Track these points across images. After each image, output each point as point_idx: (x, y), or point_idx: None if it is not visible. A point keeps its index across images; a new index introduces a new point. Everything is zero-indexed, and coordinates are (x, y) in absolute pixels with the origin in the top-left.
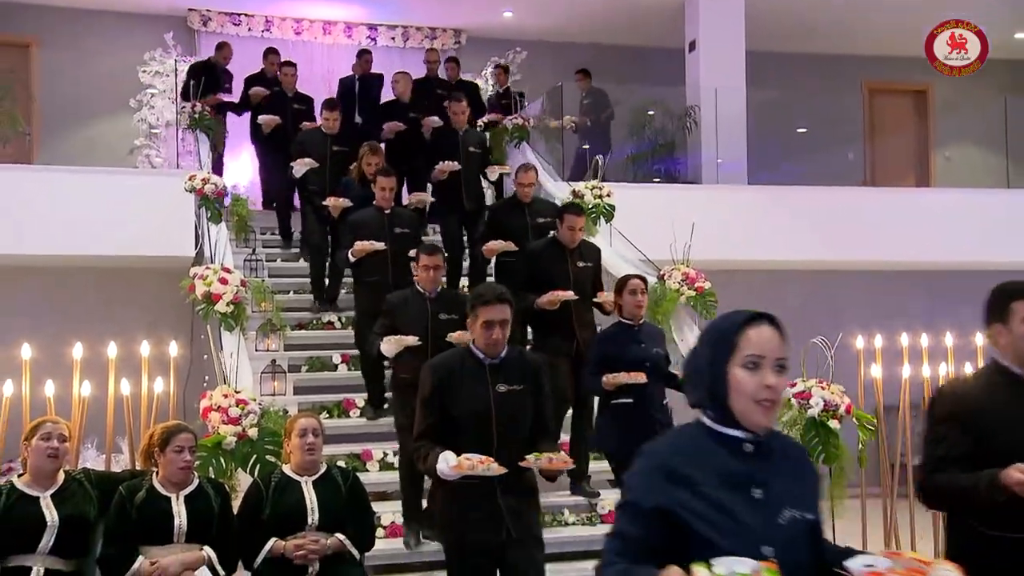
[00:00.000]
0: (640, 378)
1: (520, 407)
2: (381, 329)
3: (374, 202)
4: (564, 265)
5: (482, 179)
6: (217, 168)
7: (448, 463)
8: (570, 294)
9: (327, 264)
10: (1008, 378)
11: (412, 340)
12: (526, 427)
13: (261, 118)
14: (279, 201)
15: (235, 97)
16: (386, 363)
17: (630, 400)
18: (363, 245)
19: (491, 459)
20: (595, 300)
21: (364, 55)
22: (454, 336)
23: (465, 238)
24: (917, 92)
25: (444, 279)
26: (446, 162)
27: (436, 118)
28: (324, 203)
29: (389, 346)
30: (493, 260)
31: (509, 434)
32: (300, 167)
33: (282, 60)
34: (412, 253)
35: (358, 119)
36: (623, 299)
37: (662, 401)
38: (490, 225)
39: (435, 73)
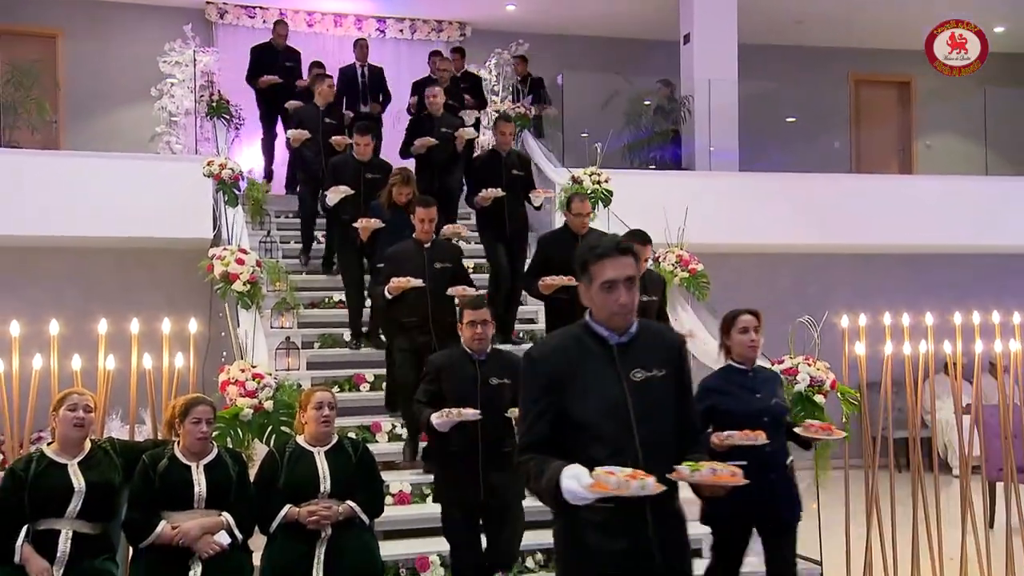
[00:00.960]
0: (759, 437)
1: (662, 399)
2: (426, 396)
3: (413, 235)
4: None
5: (526, 203)
6: (268, 151)
7: (581, 481)
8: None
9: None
10: None
11: (470, 414)
12: (669, 426)
13: (290, 133)
14: (304, 214)
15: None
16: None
17: (744, 464)
18: (400, 282)
19: (641, 472)
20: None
21: (362, 43)
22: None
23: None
24: (901, 83)
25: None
26: (490, 190)
27: (471, 129)
28: (354, 224)
29: (441, 420)
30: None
31: (653, 438)
32: (334, 195)
33: (317, 72)
34: (456, 299)
35: (364, 108)
36: (732, 339)
37: (785, 461)
38: (541, 257)
39: (446, 81)
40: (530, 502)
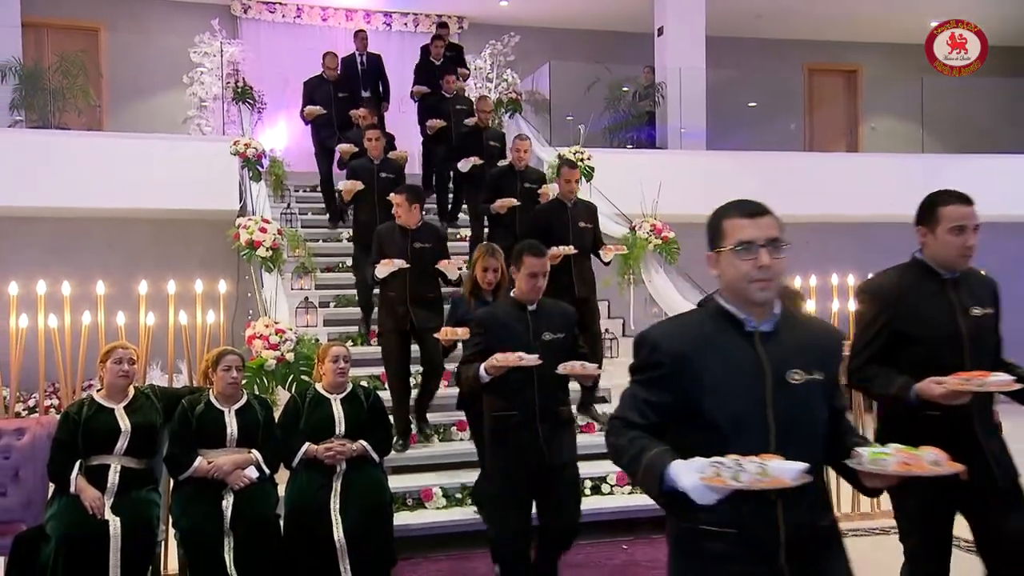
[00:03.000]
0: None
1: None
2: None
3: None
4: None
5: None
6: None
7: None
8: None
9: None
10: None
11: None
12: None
13: (342, 184)
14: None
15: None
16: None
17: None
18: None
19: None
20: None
21: (362, 34)
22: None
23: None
24: (848, 72)
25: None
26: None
27: (554, 186)
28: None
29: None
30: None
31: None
32: (383, 269)
33: (368, 124)
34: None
35: (364, 94)
36: None
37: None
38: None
39: (462, 92)
40: None
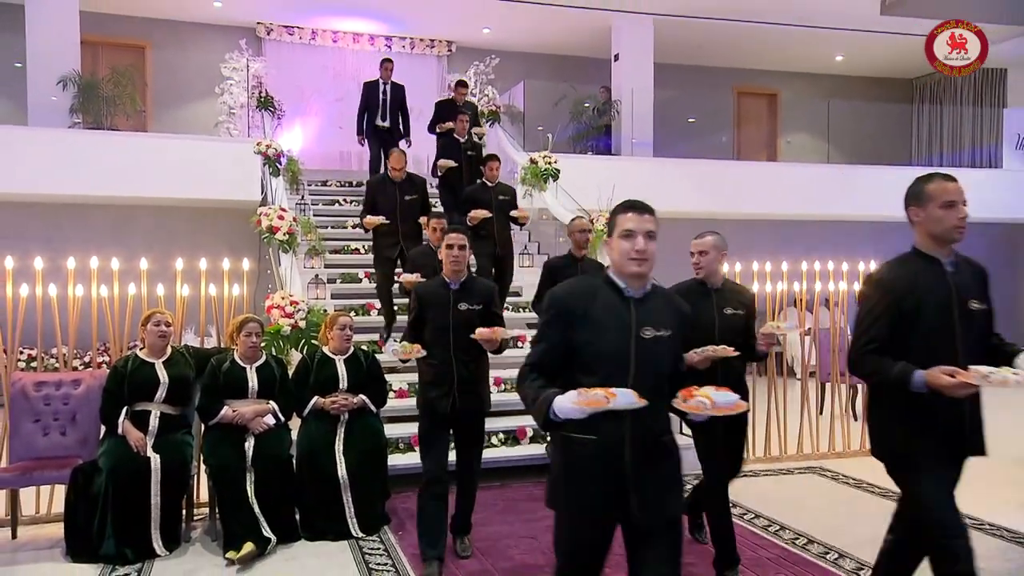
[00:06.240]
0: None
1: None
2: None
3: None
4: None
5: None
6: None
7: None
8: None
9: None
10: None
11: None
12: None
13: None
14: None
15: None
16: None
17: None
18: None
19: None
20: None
21: (387, 63)
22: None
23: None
24: (770, 95)
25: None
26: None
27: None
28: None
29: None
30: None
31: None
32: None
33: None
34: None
35: (383, 123)
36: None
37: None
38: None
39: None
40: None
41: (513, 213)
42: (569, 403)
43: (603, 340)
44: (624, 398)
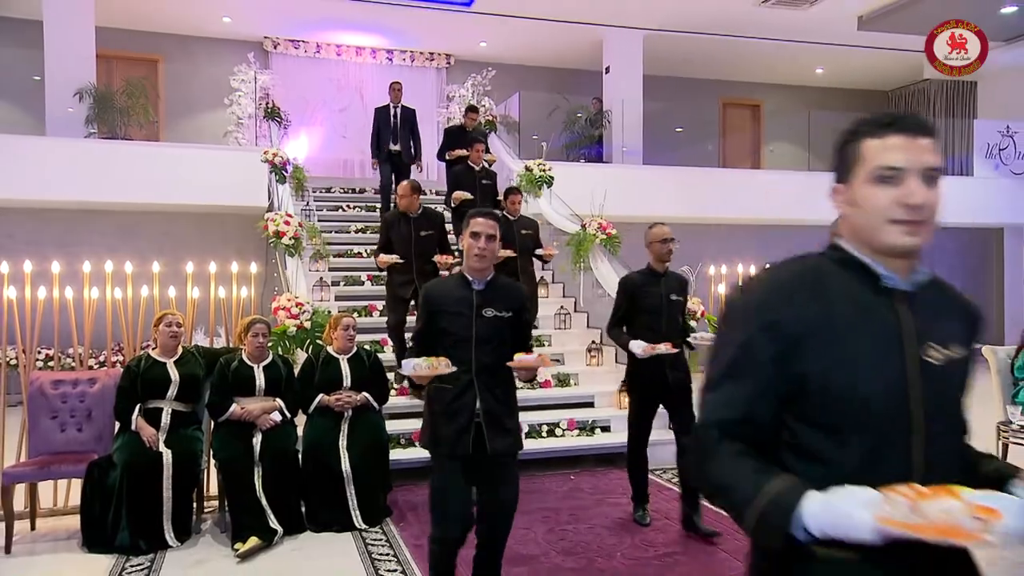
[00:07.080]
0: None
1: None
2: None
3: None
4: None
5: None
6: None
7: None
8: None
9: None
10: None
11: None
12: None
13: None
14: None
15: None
16: None
17: None
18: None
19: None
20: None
21: (396, 86)
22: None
23: None
24: (753, 106)
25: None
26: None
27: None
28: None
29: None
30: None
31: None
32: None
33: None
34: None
35: (394, 147)
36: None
37: None
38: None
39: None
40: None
41: (539, 252)
42: (858, 513)
43: (865, 371)
44: (1018, 520)
